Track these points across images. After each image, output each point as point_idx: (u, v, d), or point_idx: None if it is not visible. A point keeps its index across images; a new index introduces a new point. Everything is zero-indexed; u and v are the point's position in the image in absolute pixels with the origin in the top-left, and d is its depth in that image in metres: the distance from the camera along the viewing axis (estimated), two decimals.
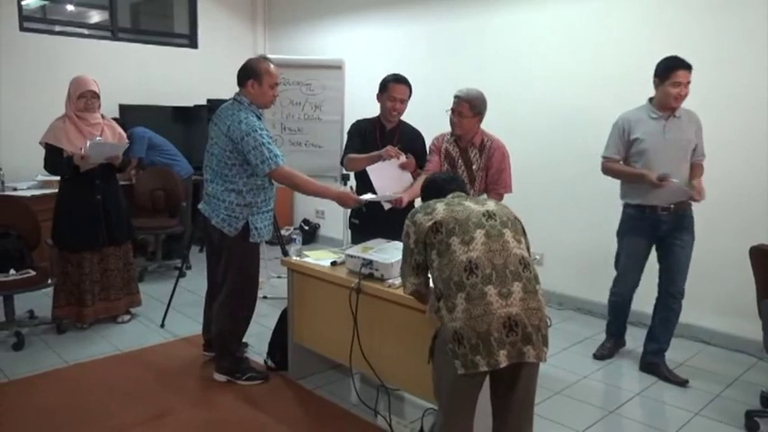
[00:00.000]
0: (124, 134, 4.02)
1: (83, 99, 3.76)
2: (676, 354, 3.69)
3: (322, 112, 4.80)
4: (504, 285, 1.93)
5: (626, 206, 3.49)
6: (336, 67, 4.79)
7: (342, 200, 3.13)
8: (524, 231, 2.17)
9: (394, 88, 3.28)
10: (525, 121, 4.63)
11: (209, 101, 5.95)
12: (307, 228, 6.58)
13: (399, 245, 2.89)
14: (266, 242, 5.31)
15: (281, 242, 4.50)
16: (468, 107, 3.14)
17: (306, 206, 6.80)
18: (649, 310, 3.55)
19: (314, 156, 4.77)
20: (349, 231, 3.68)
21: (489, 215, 2.08)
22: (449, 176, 2.43)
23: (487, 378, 2.05)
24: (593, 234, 4.40)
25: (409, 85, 3.33)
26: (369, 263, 2.76)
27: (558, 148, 4.53)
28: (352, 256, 2.85)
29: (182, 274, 4.37)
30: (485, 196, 3.13)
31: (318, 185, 3.10)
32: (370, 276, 2.75)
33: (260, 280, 4.73)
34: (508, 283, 1.94)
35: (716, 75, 3.75)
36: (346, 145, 3.41)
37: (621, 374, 3.43)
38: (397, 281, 2.64)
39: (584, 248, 4.47)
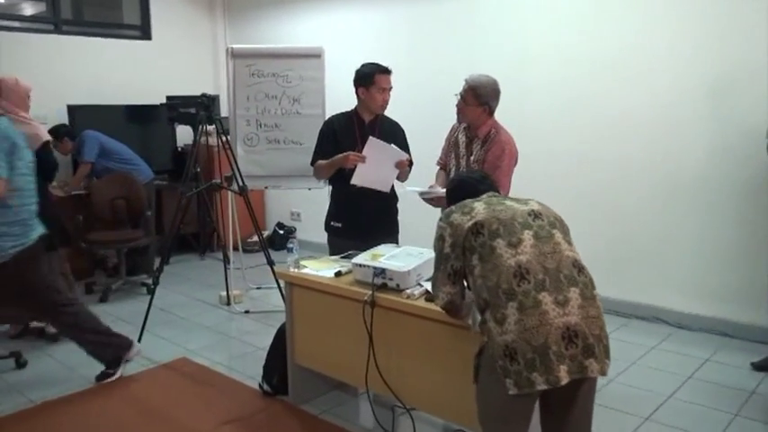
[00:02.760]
0: None
1: None
2: (649, 338, 3.70)
3: (301, 105, 4.42)
4: (560, 292, 1.74)
5: None
6: (315, 55, 4.41)
7: None
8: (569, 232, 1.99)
9: (382, 79, 3.06)
10: (517, 107, 4.36)
11: (168, 98, 5.43)
12: (281, 232, 6.17)
13: (410, 250, 2.66)
14: (243, 250, 5.01)
15: (263, 246, 4.11)
16: (473, 95, 2.89)
17: (280, 208, 6.39)
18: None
19: (294, 153, 4.38)
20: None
21: (535, 215, 1.91)
22: (479, 176, 2.26)
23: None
24: (592, 225, 4.21)
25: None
26: (381, 272, 2.46)
27: (553, 134, 4.30)
28: (360, 266, 2.55)
29: (151, 291, 3.92)
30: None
31: None
32: (384, 287, 2.47)
33: (237, 293, 4.42)
34: (564, 290, 1.75)
35: (717, 55, 3.63)
36: (315, 150, 3.17)
37: None
38: (416, 290, 2.42)
39: (581, 241, 4.28)
